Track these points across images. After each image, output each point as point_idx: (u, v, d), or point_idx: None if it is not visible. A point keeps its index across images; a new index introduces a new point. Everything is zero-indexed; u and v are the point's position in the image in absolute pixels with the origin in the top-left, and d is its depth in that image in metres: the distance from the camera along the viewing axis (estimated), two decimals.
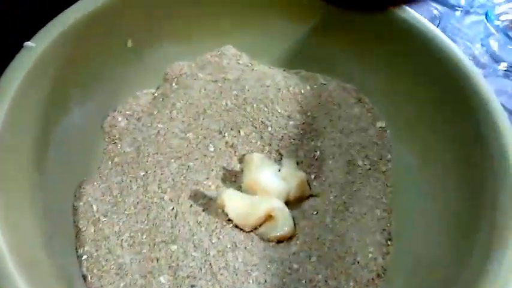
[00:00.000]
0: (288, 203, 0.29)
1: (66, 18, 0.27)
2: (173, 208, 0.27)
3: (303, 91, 0.32)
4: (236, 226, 0.27)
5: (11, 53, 0.24)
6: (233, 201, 0.28)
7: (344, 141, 0.30)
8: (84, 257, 0.24)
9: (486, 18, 0.42)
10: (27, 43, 0.25)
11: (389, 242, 0.27)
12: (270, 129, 0.32)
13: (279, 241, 0.27)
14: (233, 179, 0.31)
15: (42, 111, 0.25)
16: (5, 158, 0.21)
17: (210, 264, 0.24)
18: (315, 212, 0.29)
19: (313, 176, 0.31)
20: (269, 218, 0.27)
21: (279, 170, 0.30)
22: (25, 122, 0.23)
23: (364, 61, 0.32)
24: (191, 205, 0.28)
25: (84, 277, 0.23)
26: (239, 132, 0.32)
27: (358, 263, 0.26)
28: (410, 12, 0.30)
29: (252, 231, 0.27)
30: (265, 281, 0.24)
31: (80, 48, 0.27)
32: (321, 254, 0.26)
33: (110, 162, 0.29)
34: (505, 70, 0.40)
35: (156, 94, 0.32)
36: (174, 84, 0.33)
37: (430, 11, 0.42)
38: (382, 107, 0.31)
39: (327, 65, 0.33)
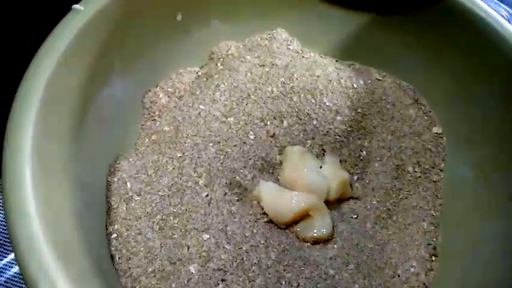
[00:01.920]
0: (327, 202, 0.27)
1: None
2: (207, 195, 0.26)
3: (355, 85, 0.30)
4: (271, 221, 0.26)
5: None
6: (270, 195, 0.26)
7: (394, 144, 0.28)
8: (114, 235, 0.23)
9: None
10: (76, 6, 0.23)
11: (433, 258, 0.25)
12: (315, 122, 0.30)
13: (315, 242, 0.26)
14: (271, 170, 0.29)
15: (84, 78, 0.23)
16: (45, 123, 0.20)
17: (242, 259, 0.23)
18: (355, 216, 0.27)
19: (356, 177, 0.29)
20: (307, 216, 0.26)
21: (321, 167, 0.28)
22: (67, 87, 0.22)
23: (428, 58, 0.29)
24: (226, 193, 0.26)
25: (112, 257, 0.22)
26: (282, 122, 0.30)
27: (399, 276, 0.24)
28: (485, 8, 0.27)
29: (287, 228, 0.26)
30: (298, 284, 0.23)
31: (129, 17, 0.26)
32: (360, 262, 0.24)
33: (147, 139, 0.28)
34: None
35: (200, 73, 0.31)
36: (219, 64, 0.31)
37: (498, 11, 0.39)
38: (441, 112, 0.29)
39: (385, 60, 0.31)
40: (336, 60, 0.32)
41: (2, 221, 0.29)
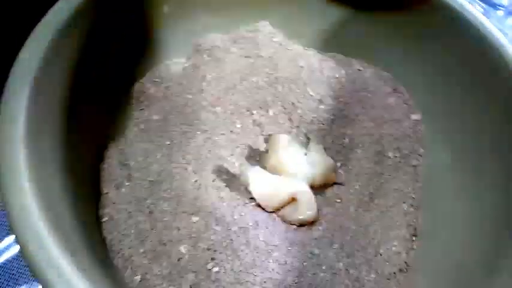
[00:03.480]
0: (312, 188, 0.28)
1: None
2: (196, 180, 0.26)
3: (337, 75, 0.31)
4: (258, 205, 0.27)
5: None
6: (258, 180, 0.27)
7: (375, 131, 0.29)
8: (105, 218, 0.23)
9: None
10: None
11: (414, 238, 0.26)
12: (299, 111, 0.31)
13: (301, 225, 0.26)
14: (257, 158, 0.30)
15: (75, 66, 0.24)
16: (37, 105, 0.20)
17: (231, 239, 0.23)
18: (339, 200, 0.28)
19: (339, 164, 0.30)
20: (292, 200, 0.27)
21: (305, 154, 0.29)
22: (57, 75, 0.23)
23: (407, 50, 0.30)
24: (214, 180, 0.27)
25: (104, 239, 0.23)
26: (267, 111, 0.31)
27: (381, 255, 0.25)
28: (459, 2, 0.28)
29: (274, 212, 0.27)
30: (285, 262, 0.23)
31: (117, 8, 0.26)
32: (343, 242, 0.25)
33: (135, 128, 0.28)
34: None
35: (187, 64, 0.32)
36: (205, 56, 0.32)
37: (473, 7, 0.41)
38: (419, 100, 0.30)
39: (365, 51, 0.32)
40: (319, 52, 0.33)
41: None
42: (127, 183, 0.25)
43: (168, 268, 0.22)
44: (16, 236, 0.16)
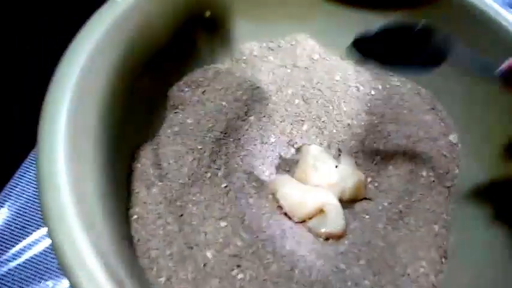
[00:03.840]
0: (340, 201, 0.28)
1: None
2: (226, 186, 0.26)
3: (373, 92, 0.31)
4: (286, 214, 0.27)
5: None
6: (286, 188, 0.27)
7: (409, 149, 0.29)
8: (135, 217, 0.24)
9: None
10: None
11: (443, 260, 0.26)
12: (332, 126, 0.31)
13: (328, 238, 0.26)
14: (287, 168, 0.30)
15: (116, 69, 0.24)
16: (78, 107, 0.21)
17: (258, 247, 0.23)
18: (367, 216, 0.28)
19: (369, 179, 0.29)
20: (320, 212, 0.27)
21: (336, 166, 0.29)
22: (99, 77, 0.23)
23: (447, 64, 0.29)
24: (244, 185, 0.27)
25: (132, 238, 0.23)
26: (301, 124, 0.31)
27: (408, 275, 0.25)
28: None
29: (301, 222, 0.27)
30: (310, 274, 0.23)
31: (161, 11, 0.27)
32: (370, 259, 0.25)
33: (169, 130, 0.29)
34: None
35: (223, 71, 0.32)
36: (243, 63, 0.32)
37: None
38: (457, 119, 0.29)
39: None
40: (356, 63, 0.33)
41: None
42: (159, 183, 0.25)
43: (194, 272, 0.22)
44: (49, 233, 0.17)
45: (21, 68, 0.31)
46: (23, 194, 0.30)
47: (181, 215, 0.24)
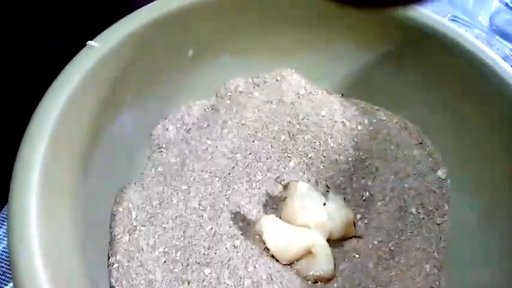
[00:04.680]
0: (329, 240, 0.27)
1: (133, 21, 0.26)
2: (211, 228, 0.26)
3: (359, 127, 0.31)
4: (273, 256, 0.26)
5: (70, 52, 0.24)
6: (272, 230, 0.26)
7: (398, 185, 0.28)
8: (115, 265, 0.23)
9: None
10: (91, 42, 0.24)
11: None
12: (319, 162, 0.30)
13: (317, 281, 0.25)
14: (275, 206, 0.29)
15: (96, 112, 0.24)
16: (55, 153, 0.20)
17: None
18: (357, 256, 0.27)
19: (358, 216, 0.29)
20: (309, 253, 0.26)
21: (324, 204, 0.28)
22: (78, 120, 0.23)
23: (436, 100, 0.29)
24: (230, 226, 0.26)
25: None
26: (287, 160, 0.30)
27: None
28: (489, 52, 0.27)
29: (289, 264, 0.26)
30: None
31: (142, 53, 0.27)
32: None
33: (153, 171, 0.28)
34: None
35: (208, 108, 0.32)
36: (227, 100, 0.32)
37: (502, 51, 0.40)
38: (446, 154, 0.29)
39: (391, 98, 0.31)
40: (342, 95, 0.33)
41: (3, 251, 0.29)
42: (141, 229, 0.25)
43: None
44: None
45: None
46: None
47: (164, 262, 0.23)
